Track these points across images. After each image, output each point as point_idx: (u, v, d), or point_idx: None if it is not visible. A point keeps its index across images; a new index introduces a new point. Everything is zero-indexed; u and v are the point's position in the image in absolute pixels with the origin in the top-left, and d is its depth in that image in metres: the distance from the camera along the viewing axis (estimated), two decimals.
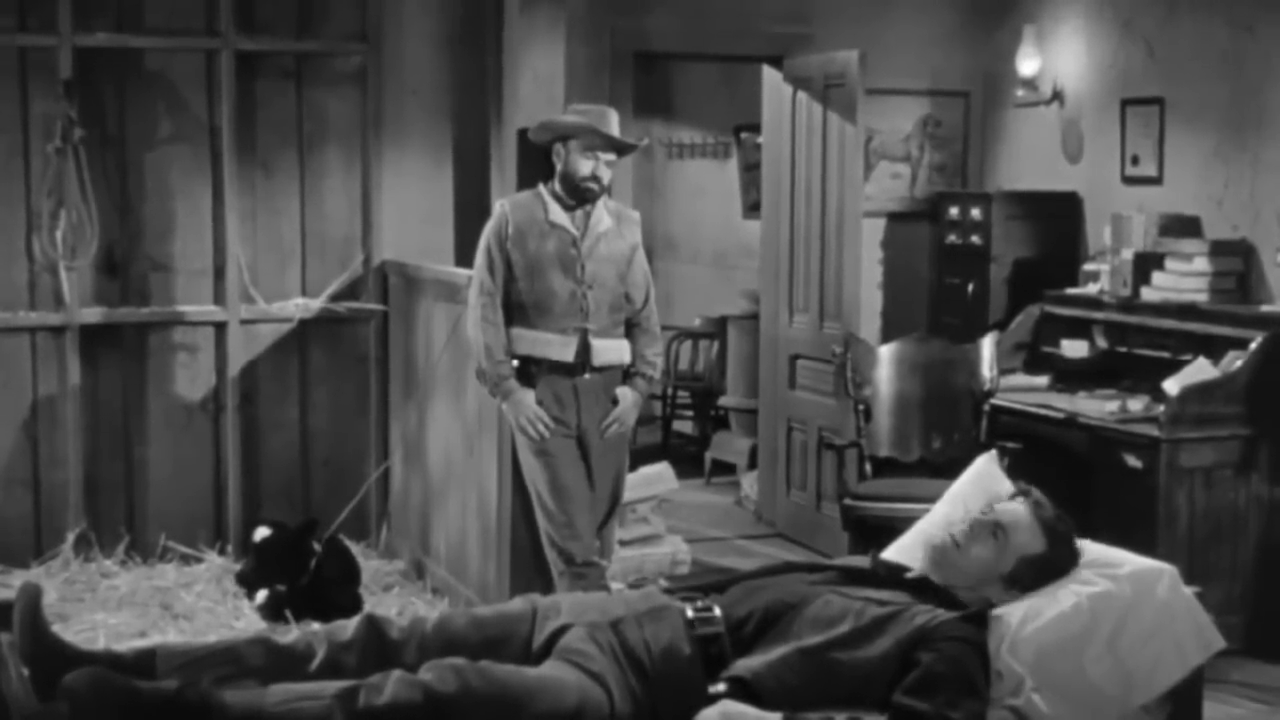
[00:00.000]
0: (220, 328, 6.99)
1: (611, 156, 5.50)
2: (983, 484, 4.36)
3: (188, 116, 6.91)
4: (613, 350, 5.57)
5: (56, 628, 5.82)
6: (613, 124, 5.51)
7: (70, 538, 6.70)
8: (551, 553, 5.50)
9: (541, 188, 5.57)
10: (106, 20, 6.72)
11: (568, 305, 5.46)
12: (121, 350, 6.90)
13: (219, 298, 7.00)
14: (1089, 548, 4.10)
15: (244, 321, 6.99)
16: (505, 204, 5.59)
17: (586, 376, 5.51)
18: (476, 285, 5.53)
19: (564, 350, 5.46)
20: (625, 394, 5.61)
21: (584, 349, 5.47)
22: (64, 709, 3.01)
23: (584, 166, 5.45)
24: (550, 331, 5.47)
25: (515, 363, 5.49)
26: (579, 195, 5.48)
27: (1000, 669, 3.65)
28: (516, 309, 5.50)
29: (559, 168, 5.51)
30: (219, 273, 6.97)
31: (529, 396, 5.45)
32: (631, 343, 5.64)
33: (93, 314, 6.79)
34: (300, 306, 7.08)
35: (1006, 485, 4.35)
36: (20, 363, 6.74)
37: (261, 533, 6.51)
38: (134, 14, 6.79)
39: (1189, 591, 3.92)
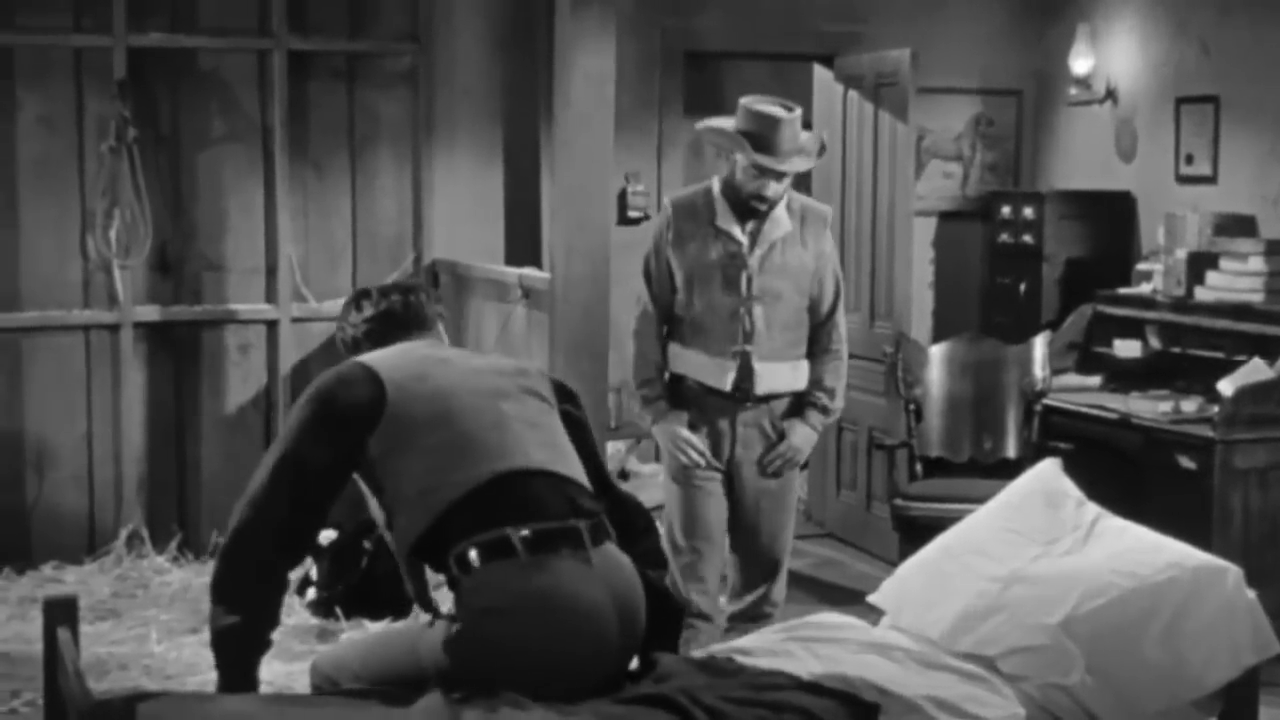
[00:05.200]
0: (272, 326, 7.02)
1: (792, 169, 4.81)
2: (1043, 489, 4.34)
3: (240, 116, 6.95)
4: (783, 376, 4.90)
5: (108, 624, 5.88)
6: (784, 135, 4.77)
7: (123, 534, 6.75)
8: None
9: (715, 184, 4.96)
10: (160, 20, 6.76)
11: (728, 325, 4.83)
12: (174, 348, 6.95)
13: (271, 296, 7.03)
14: (1155, 539, 4.09)
15: (295, 320, 7.02)
16: (669, 204, 5.01)
17: (748, 408, 4.88)
18: (636, 296, 5.00)
19: (720, 376, 4.85)
20: (796, 429, 4.92)
21: (745, 375, 4.84)
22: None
23: (750, 184, 4.81)
24: (706, 353, 4.87)
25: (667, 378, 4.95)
26: (745, 210, 4.86)
27: (1050, 643, 3.65)
28: (675, 323, 4.93)
29: (727, 171, 4.93)
30: (271, 271, 7.01)
31: (680, 420, 4.88)
32: (810, 364, 4.98)
33: (146, 312, 6.83)
34: None
35: (1070, 490, 4.32)
36: (74, 360, 6.79)
37: (328, 535, 6.51)
38: (187, 14, 6.83)
39: (1252, 594, 3.91)
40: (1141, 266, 7.23)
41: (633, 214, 7.39)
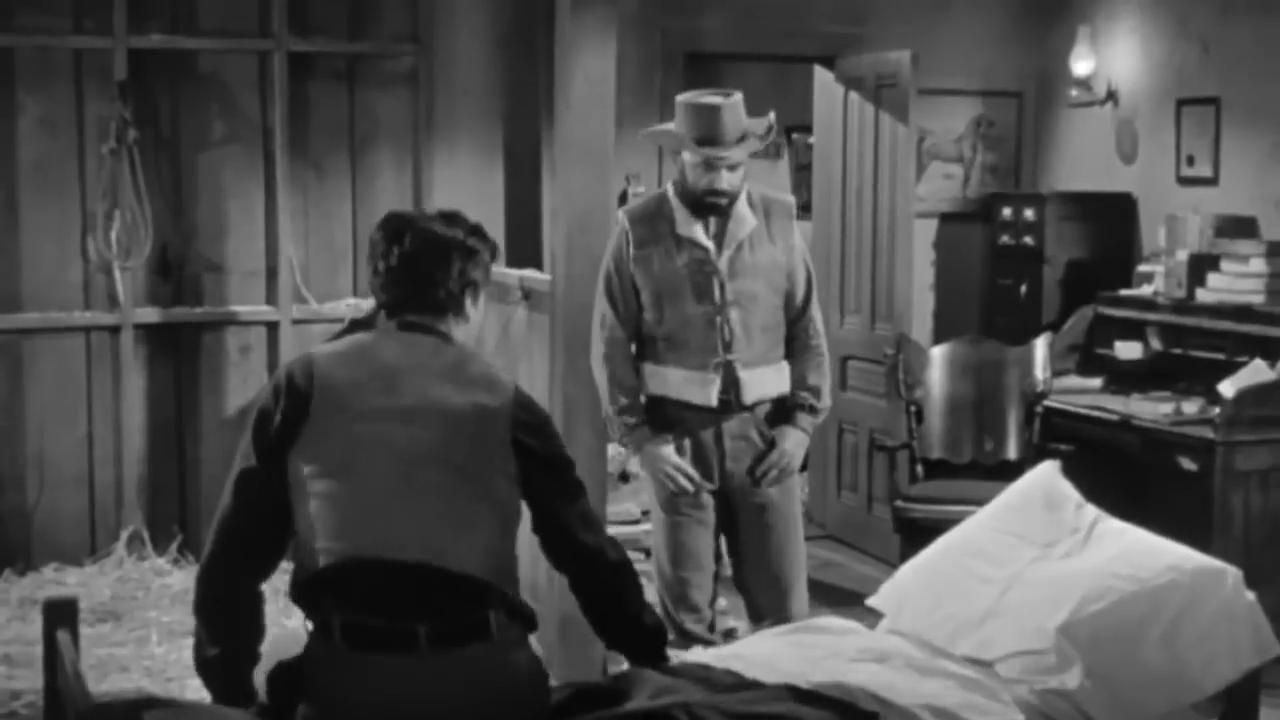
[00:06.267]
0: (272, 327, 7.02)
1: (737, 158, 4.55)
2: (1042, 491, 4.33)
3: (240, 117, 6.95)
4: (768, 381, 4.66)
5: (108, 626, 5.87)
6: (725, 121, 4.50)
7: (124, 536, 6.75)
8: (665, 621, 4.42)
9: (669, 189, 4.71)
10: (161, 22, 6.77)
11: (705, 336, 4.58)
12: (175, 350, 6.94)
13: (271, 298, 7.03)
14: (1154, 542, 4.09)
15: (296, 321, 7.02)
16: (624, 217, 4.73)
17: (733, 417, 4.63)
18: (597, 317, 4.72)
19: (705, 391, 4.58)
20: (787, 434, 4.65)
21: (730, 386, 4.58)
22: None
23: (701, 180, 4.55)
24: (687, 368, 4.60)
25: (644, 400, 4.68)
26: (704, 209, 4.60)
27: (1050, 646, 3.64)
28: (647, 341, 4.67)
29: (677, 173, 4.68)
30: (271, 273, 7.01)
31: (666, 447, 4.61)
32: (790, 363, 4.72)
33: (146, 314, 6.83)
34: (352, 307, 7.09)
35: (1069, 492, 4.32)
36: (75, 362, 6.79)
37: None
38: (188, 15, 6.84)
39: (1251, 596, 3.90)
40: (1142, 268, 7.23)
41: None
